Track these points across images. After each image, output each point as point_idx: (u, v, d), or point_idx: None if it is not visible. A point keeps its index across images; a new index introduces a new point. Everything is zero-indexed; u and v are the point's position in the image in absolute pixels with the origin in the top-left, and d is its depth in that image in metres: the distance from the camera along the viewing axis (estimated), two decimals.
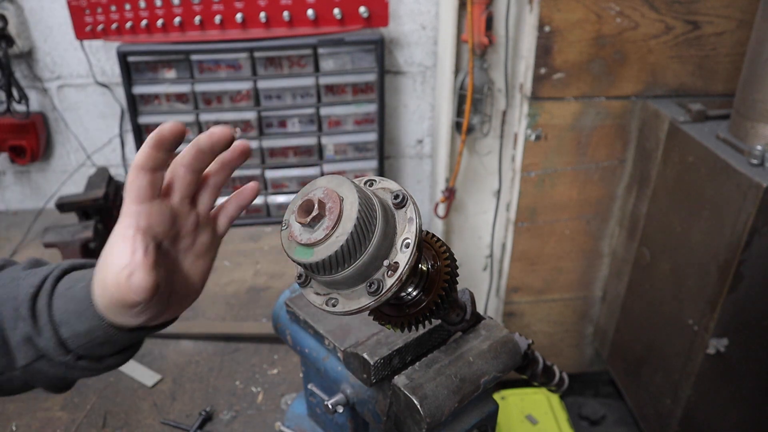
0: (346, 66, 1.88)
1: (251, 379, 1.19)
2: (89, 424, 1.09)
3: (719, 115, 1.68)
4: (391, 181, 0.55)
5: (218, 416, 1.10)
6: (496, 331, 0.72)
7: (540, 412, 1.87)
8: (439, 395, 0.63)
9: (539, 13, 1.68)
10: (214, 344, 1.28)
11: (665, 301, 1.78)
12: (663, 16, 1.71)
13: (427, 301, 0.58)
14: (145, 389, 1.16)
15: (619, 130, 1.89)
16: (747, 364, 1.62)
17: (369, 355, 0.67)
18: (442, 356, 0.67)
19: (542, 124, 1.85)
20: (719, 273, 1.50)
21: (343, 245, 0.48)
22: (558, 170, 1.94)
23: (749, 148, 1.45)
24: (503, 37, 1.83)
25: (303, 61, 1.86)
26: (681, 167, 1.66)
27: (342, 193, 0.50)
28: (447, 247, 0.59)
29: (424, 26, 1.98)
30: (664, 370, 1.80)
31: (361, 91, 1.92)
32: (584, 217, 2.04)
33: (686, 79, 1.82)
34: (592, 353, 2.36)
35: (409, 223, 0.52)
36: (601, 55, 1.76)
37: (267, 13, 1.79)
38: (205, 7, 1.79)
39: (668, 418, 1.79)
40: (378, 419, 0.73)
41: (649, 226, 1.85)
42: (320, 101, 1.92)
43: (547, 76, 1.78)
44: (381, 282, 0.50)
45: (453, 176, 2.03)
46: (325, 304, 0.53)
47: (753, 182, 1.37)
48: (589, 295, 2.22)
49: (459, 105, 1.93)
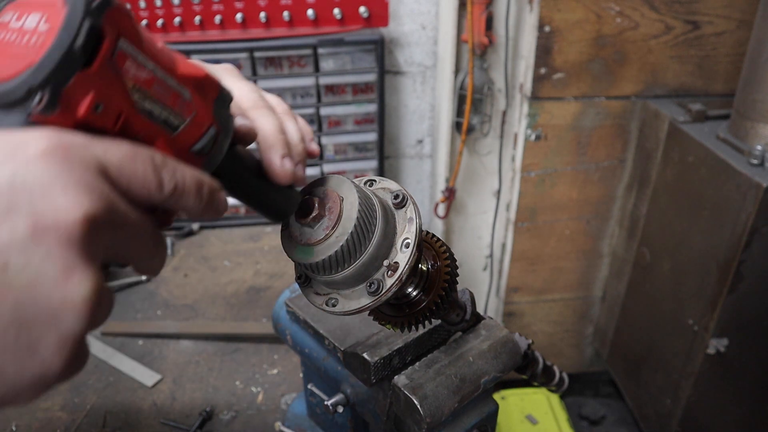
0: (346, 66, 1.88)
1: (251, 379, 1.19)
2: (89, 424, 1.09)
3: (719, 115, 1.68)
4: (391, 181, 0.55)
5: (218, 416, 1.10)
6: (496, 331, 0.72)
7: (540, 412, 1.87)
8: (439, 395, 0.63)
9: (539, 13, 1.68)
10: (214, 344, 1.28)
11: (665, 301, 1.78)
12: (663, 16, 1.71)
13: (427, 301, 0.58)
14: (145, 389, 1.16)
15: (619, 130, 1.89)
16: (747, 364, 1.62)
17: (369, 355, 0.67)
18: (442, 356, 0.67)
19: (542, 124, 1.85)
20: (719, 273, 1.50)
21: (343, 245, 0.48)
22: (558, 170, 1.94)
23: (749, 148, 1.45)
24: (503, 37, 1.83)
25: (303, 61, 1.86)
26: (681, 167, 1.66)
27: (342, 193, 0.50)
28: (447, 247, 0.59)
29: (424, 26, 1.98)
30: (664, 370, 1.80)
31: (361, 91, 1.92)
32: (584, 217, 2.04)
33: (686, 79, 1.82)
34: (592, 353, 2.35)
35: (409, 223, 0.52)
36: (601, 55, 1.76)
37: (267, 13, 1.79)
38: (205, 7, 1.79)
39: (668, 418, 1.79)
40: (378, 419, 0.73)
41: (649, 226, 1.85)
42: (320, 101, 1.92)
43: (547, 76, 1.78)
44: (381, 282, 0.50)
45: (453, 176, 2.03)
46: (325, 304, 0.53)
47: (753, 182, 1.37)
48: (589, 295, 2.22)
49: (459, 105, 1.93)
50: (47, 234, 0.27)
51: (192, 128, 0.39)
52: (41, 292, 0.27)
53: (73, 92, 0.31)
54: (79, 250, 0.28)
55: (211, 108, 0.41)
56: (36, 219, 0.27)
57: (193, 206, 0.37)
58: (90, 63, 0.32)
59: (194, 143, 0.40)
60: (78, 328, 0.29)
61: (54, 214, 0.27)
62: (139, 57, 0.34)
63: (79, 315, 0.28)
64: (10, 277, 0.26)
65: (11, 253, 0.26)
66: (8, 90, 0.31)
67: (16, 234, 0.26)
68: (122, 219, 0.31)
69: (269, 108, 0.51)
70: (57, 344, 0.28)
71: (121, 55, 0.33)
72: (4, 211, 0.26)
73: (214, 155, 0.42)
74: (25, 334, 0.27)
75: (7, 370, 0.27)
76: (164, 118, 0.37)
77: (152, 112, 0.36)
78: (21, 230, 0.26)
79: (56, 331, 0.28)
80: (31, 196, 0.27)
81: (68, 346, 0.29)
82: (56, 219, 0.27)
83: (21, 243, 0.26)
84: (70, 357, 0.29)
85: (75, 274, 0.28)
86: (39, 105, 0.31)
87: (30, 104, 0.31)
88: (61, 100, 0.31)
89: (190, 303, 1.41)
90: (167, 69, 0.37)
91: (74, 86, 0.31)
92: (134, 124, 0.35)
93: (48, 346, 0.28)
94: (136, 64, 0.34)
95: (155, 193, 0.34)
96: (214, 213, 0.39)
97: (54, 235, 0.27)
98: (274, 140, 0.48)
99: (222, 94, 0.42)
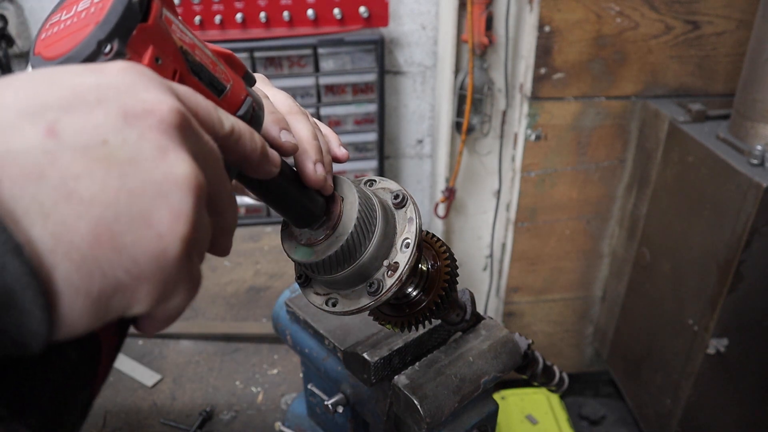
0: (346, 66, 1.88)
1: (251, 379, 1.19)
2: (89, 424, 1.09)
3: (719, 115, 1.68)
4: (391, 181, 0.55)
5: (218, 416, 1.10)
6: (496, 331, 0.72)
7: (540, 412, 1.87)
8: (439, 395, 0.63)
9: (539, 13, 1.68)
10: (214, 344, 1.28)
11: (665, 301, 1.78)
12: (663, 16, 1.71)
13: (427, 301, 0.58)
14: (145, 389, 1.16)
15: (619, 130, 1.89)
16: (747, 364, 1.61)
17: (369, 355, 0.67)
18: (442, 356, 0.67)
19: (542, 124, 1.85)
20: (719, 273, 1.50)
21: (343, 245, 0.48)
22: (558, 170, 1.93)
23: (749, 148, 1.45)
24: (503, 37, 1.83)
25: (303, 61, 1.86)
26: (681, 167, 1.66)
27: (342, 193, 0.50)
28: (447, 247, 0.59)
29: (424, 26, 1.98)
30: (664, 370, 1.80)
31: (361, 91, 1.92)
32: (584, 217, 2.04)
33: (686, 79, 1.82)
34: (592, 353, 2.35)
35: (409, 223, 0.52)
36: (601, 55, 1.76)
37: (267, 13, 1.79)
38: (205, 7, 1.79)
39: (668, 418, 1.79)
40: (378, 419, 0.73)
41: (649, 226, 1.85)
42: (320, 101, 1.92)
43: (547, 76, 1.78)
44: (381, 282, 0.50)
45: (453, 176, 2.03)
46: (325, 304, 0.53)
47: (753, 182, 1.37)
48: (589, 295, 2.22)
49: (459, 105, 1.93)
50: (138, 119, 0.29)
51: (233, 95, 0.42)
52: (143, 166, 0.28)
53: (136, 44, 0.34)
54: (169, 135, 0.30)
55: (242, 83, 0.43)
56: (126, 108, 0.29)
57: (251, 152, 0.38)
58: (146, 19, 0.35)
59: (237, 109, 0.42)
60: (188, 204, 0.29)
61: (142, 104, 0.30)
62: (180, 24, 0.39)
63: (185, 192, 0.29)
64: (111, 151, 0.28)
65: (108, 131, 0.28)
66: (81, 48, 0.33)
67: (110, 117, 0.29)
68: (199, 129, 0.33)
69: (304, 114, 0.53)
70: (170, 217, 0.29)
71: (168, 19, 0.37)
72: (95, 102, 0.29)
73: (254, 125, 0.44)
74: (137, 202, 0.28)
75: (125, 239, 0.27)
76: (210, 80, 0.40)
77: (200, 74, 0.39)
78: (113, 115, 0.29)
79: (166, 203, 0.29)
80: (117, 92, 0.30)
81: (183, 222, 0.29)
82: (144, 108, 0.30)
83: (115, 124, 0.29)
84: (188, 237, 0.29)
85: (170, 154, 0.29)
86: (108, 55, 0.33)
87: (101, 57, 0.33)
88: (128, 50, 0.34)
89: None
90: (201, 41, 0.41)
91: (137, 38, 0.34)
92: (187, 83, 0.38)
93: (161, 219, 0.29)
94: (180, 29, 0.38)
95: (218, 128, 0.35)
96: (270, 165, 0.41)
97: (144, 120, 0.29)
98: (308, 146, 0.49)
99: (247, 74, 0.45)
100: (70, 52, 0.34)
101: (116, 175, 0.27)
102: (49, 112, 0.28)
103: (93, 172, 0.27)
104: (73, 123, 0.28)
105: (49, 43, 0.36)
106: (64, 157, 0.27)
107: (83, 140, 0.28)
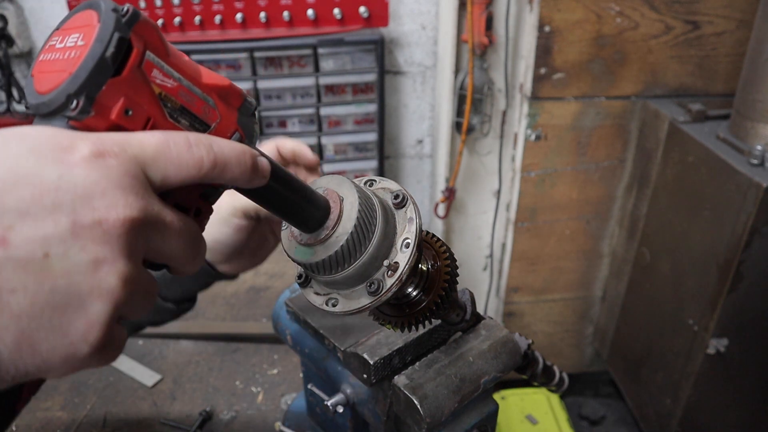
0: (346, 66, 1.88)
1: (251, 379, 1.19)
2: (89, 424, 1.09)
3: (719, 115, 1.68)
4: (391, 181, 0.55)
5: (218, 416, 1.10)
6: (496, 331, 0.72)
7: (540, 412, 1.87)
8: (439, 395, 0.63)
9: (539, 13, 1.68)
10: (214, 344, 1.28)
11: (665, 301, 1.78)
12: (663, 16, 1.71)
13: (427, 301, 0.58)
14: (145, 389, 1.16)
15: (619, 130, 1.89)
16: (747, 364, 1.62)
17: (369, 355, 0.67)
18: (442, 356, 0.67)
19: (542, 124, 1.85)
20: (719, 273, 1.50)
21: (343, 245, 0.48)
22: (558, 170, 1.94)
23: (749, 148, 1.45)
24: (503, 37, 1.83)
25: (303, 61, 1.86)
26: (681, 167, 1.66)
27: (342, 193, 0.50)
28: (447, 247, 0.59)
29: (424, 26, 1.98)
30: (664, 370, 1.80)
31: (361, 91, 1.92)
32: (584, 217, 2.04)
33: (686, 79, 1.82)
34: (592, 353, 2.36)
35: (409, 223, 0.52)
36: (601, 55, 1.76)
37: (267, 13, 1.80)
38: (205, 7, 1.79)
39: (668, 418, 1.79)
40: (378, 419, 0.73)
41: (649, 226, 1.85)
42: (320, 101, 1.92)
43: (547, 76, 1.78)
44: (381, 282, 0.50)
45: (453, 176, 2.03)
46: (325, 304, 0.53)
47: (753, 182, 1.37)
48: (589, 295, 2.22)
49: (459, 105, 1.93)
50: (85, 230, 0.31)
51: (219, 132, 0.42)
52: (75, 279, 0.31)
53: (105, 98, 0.35)
54: (112, 246, 0.32)
55: (235, 115, 0.44)
56: (76, 217, 0.31)
57: (240, 175, 0.39)
58: (120, 71, 0.35)
59: None
60: (104, 315, 0.32)
61: (92, 214, 0.31)
62: (164, 67, 0.38)
63: (105, 303, 0.32)
64: (50, 265, 0.31)
65: (53, 243, 0.31)
66: (52, 98, 0.35)
67: (59, 228, 0.31)
68: (159, 220, 0.35)
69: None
70: (85, 328, 0.32)
71: (149, 65, 0.37)
72: (50, 208, 0.31)
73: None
74: (58, 317, 0.31)
75: (41, 347, 0.31)
76: (190, 124, 0.40)
77: (181, 117, 0.39)
78: (63, 226, 0.31)
79: (85, 316, 0.32)
80: (73, 198, 0.31)
81: (95, 331, 0.32)
82: (93, 218, 0.31)
83: (61, 236, 0.31)
84: (98, 342, 0.33)
85: (104, 266, 0.32)
86: (75, 110, 0.34)
87: (68, 111, 0.35)
88: (95, 105, 0.35)
89: None
90: (192, 78, 0.40)
91: (106, 92, 0.35)
92: (162, 128, 0.38)
93: (77, 330, 0.32)
94: (163, 73, 0.38)
95: (194, 172, 0.36)
96: (262, 179, 0.42)
97: (90, 231, 0.31)
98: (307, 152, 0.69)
99: (246, 103, 0.45)
100: (48, 94, 0.35)
101: (47, 289, 0.30)
102: (6, 216, 0.30)
103: (27, 287, 0.30)
104: (24, 232, 0.30)
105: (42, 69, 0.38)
106: (6, 270, 0.29)
107: (28, 253, 0.30)
